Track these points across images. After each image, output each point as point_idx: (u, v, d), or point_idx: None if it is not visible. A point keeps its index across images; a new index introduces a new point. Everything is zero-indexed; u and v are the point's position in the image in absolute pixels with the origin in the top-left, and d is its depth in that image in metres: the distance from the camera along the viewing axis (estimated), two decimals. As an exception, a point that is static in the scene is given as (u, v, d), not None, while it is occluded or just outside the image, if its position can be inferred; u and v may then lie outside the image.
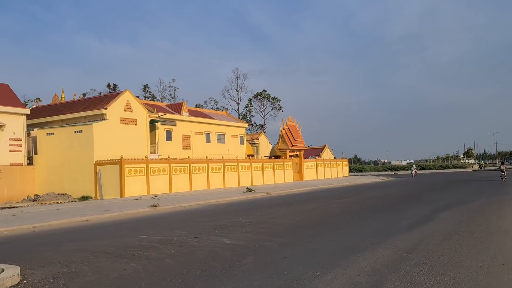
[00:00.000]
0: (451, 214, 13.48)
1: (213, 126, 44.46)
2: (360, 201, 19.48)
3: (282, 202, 21.63)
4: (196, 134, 42.01)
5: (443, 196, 21.02)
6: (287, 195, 27.68)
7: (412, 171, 56.44)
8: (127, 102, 32.20)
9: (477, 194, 21.49)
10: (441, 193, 23.35)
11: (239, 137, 48.53)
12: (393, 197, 21.32)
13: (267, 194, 29.10)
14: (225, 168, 38.88)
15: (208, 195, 28.83)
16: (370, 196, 22.92)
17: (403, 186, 31.60)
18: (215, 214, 16.32)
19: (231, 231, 11.09)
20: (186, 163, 34.39)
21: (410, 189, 28.18)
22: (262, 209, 17.27)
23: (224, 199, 25.10)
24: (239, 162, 40.95)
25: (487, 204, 16.32)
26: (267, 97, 73.82)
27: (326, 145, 67.31)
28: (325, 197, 23.37)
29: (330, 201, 20.09)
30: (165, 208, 20.56)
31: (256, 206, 19.17)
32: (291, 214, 14.78)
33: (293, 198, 24.03)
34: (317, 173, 57.29)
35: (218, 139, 45.16)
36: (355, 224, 11.97)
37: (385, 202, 18.90)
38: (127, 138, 31.73)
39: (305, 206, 18.27)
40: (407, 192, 24.73)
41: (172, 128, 39.04)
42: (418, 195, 22.37)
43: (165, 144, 38.10)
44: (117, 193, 28.47)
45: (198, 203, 22.88)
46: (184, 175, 34.09)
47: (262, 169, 44.61)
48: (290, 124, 54.41)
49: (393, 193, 24.87)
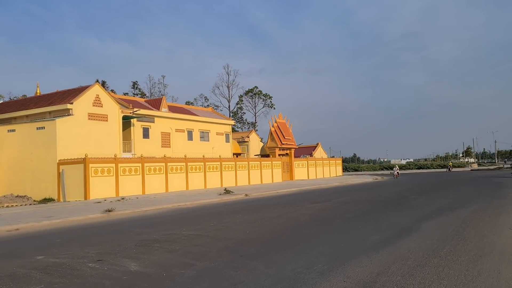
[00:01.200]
0: (436, 225, 11.18)
1: (196, 123, 42.09)
2: (338, 206, 17.17)
3: (253, 206, 19.35)
4: (177, 132, 39.66)
5: (433, 199, 18.72)
6: (265, 198, 25.40)
7: (394, 172, 50.76)
8: (97, 96, 29.84)
9: (471, 197, 19.20)
10: (432, 195, 21.06)
11: (224, 135, 46.18)
12: (378, 201, 19.02)
13: (245, 196, 26.83)
14: (206, 168, 36.56)
15: (181, 197, 26.55)
16: (353, 199, 20.63)
17: (393, 188, 29.31)
18: (163, 222, 14.01)
19: (154, 249, 8.78)
20: (161, 162, 32.06)
21: (399, 190, 25.89)
22: (221, 216, 14.97)
23: (195, 202, 22.81)
24: (222, 161, 38.64)
25: (482, 211, 14.02)
26: (258, 94, 71.33)
27: (319, 143, 64.97)
28: (304, 200, 21.08)
29: (305, 206, 17.79)
30: (121, 213, 18.25)
31: (219, 212, 16.88)
32: (248, 224, 12.48)
33: (269, 201, 21.75)
34: (308, 172, 54.98)
35: (202, 136, 42.82)
36: (315, 239, 9.67)
37: (366, 207, 16.61)
38: (96, 136, 29.39)
39: (274, 211, 15.97)
40: (395, 195, 22.43)
41: (150, 125, 36.69)
42: (406, 198, 20.09)
43: (141, 142, 35.76)
44: (81, 195, 26.15)
45: (162, 207, 20.59)
46: (160, 175, 31.77)
47: (248, 169, 42.31)
48: (279, 122, 52.09)
49: (379, 195, 22.58)
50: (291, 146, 52.83)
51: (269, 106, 73.22)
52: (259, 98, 71.92)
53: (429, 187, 28.84)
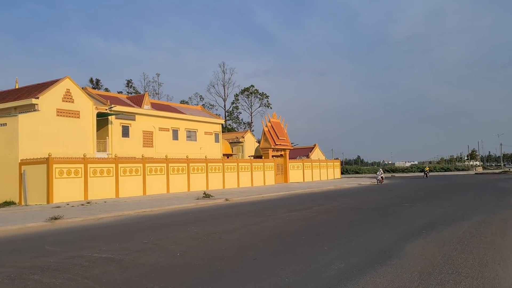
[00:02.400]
0: (424, 246, 8.71)
1: (182, 121, 39.73)
2: (315, 216, 14.71)
3: (222, 214, 16.94)
4: (160, 131, 37.32)
5: (427, 208, 16.21)
6: (246, 203, 22.98)
7: (378, 176, 41.11)
8: (67, 91, 27.56)
9: (472, 207, 16.68)
10: (428, 203, 18.54)
11: (213, 135, 43.79)
12: (364, 209, 16.53)
13: (225, 201, 24.43)
14: (190, 169, 34.18)
15: (154, 201, 24.19)
16: (338, 206, 18.14)
17: (388, 193, 26.77)
18: (97, 236, 11.61)
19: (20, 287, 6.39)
20: (139, 163, 29.72)
21: (393, 196, 23.37)
22: (171, 228, 12.58)
23: (163, 208, 20.42)
24: (208, 163, 36.24)
25: (484, 225, 11.52)
26: (255, 93, 68.85)
27: (316, 144, 62.44)
28: (283, 207, 18.62)
29: (278, 215, 15.34)
30: (69, 221, 15.88)
31: (176, 222, 14.50)
32: (190, 241, 10.07)
33: (244, 208, 19.32)
34: (303, 175, 52.47)
35: (188, 136, 40.45)
36: (256, 269, 7.23)
37: (347, 217, 14.14)
38: (66, 134, 27.11)
39: (237, 222, 13.56)
40: (387, 202, 19.93)
41: (130, 123, 34.37)
42: (398, 206, 17.58)
43: (120, 141, 33.44)
44: (43, 198, 23.84)
45: (122, 214, 18.21)
46: (136, 177, 29.42)
47: (237, 171, 39.88)
48: (273, 121, 49.66)
49: (369, 202, 20.08)
50: (286, 147, 50.38)
51: (266, 105, 70.78)
52: (256, 97, 69.49)
53: (427, 192, 26.30)
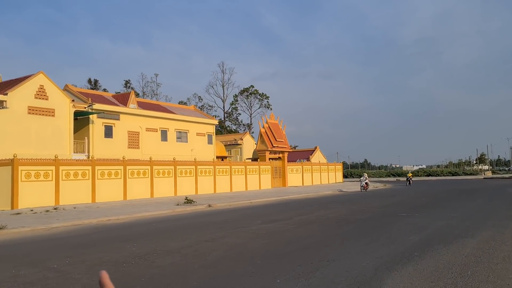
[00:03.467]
0: (410, 281, 6.47)
1: (172, 121, 37.72)
2: (291, 229, 12.47)
3: (192, 224, 14.80)
4: (148, 131, 35.32)
5: (426, 220, 13.91)
6: (228, 210, 20.83)
7: (362, 183, 34.84)
8: (40, 88, 25.66)
9: (479, 218, 14.36)
10: (428, 212, 16.24)
11: (206, 136, 41.72)
12: (351, 220, 14.26)
13: (207, 207, 22.32)
14: (178, 172, 32.09)
15: (130, 207, 22.18)
16: (324, 216, 15.89)
17: (386, 199, 24.44)
18: (10, 255, 9.53)
19: None
20: (119, 165, 27.69)
21: (390, 204, 21.04)
22: (112, 244, 10.48)
23: (132, 216, 18.33)
24: (198, 165, 34.12)
25: (492, 246, 9.24)
26: (254, 94, 66.69)
27: (317, 147, 60.10)
28: (262, 216, 16.41)
29: (248, 228, 13.14)
30: (12, 232, 13.79)
31: (127, 235, 12.39)
32: (106, 267, 7.93)
33: (221, 216, 17.15)
34: (303, 179, 50.17)
35: (178, 137, 38.42)
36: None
37: (328, 231, 11.90)
38: (39, 133, 25.22)
39: (193, 237, 11.41)
40: (381, 210, 17.63)
41: (114, 123, 32.41)
42: (392, 216, 15.29)
43: (103, 142, 31.49)
44: (7, 203, 21.87)
45: (82, 223, 16.14)
46: (116, 180, 27.38)
47: (229, 174, 37.72)
48: (271, 122, 47.44)
49: (362, 210, 17.80)
50: (284, 149, 48.14)
51: (266, 106, 68.54)
52: (255, 98, 67.30)
53: (430, 199, 23.93)
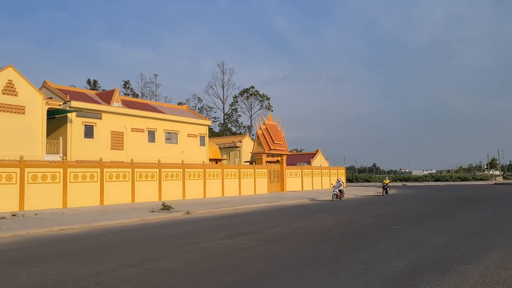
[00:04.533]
0: None
1: (161, 122, 35.59)
2: (251, 247, 10.10)
3: (144, 238, 12.54)
4: (133, 131, 33.21)
5: (421, 236, 11.45)
6: (205, 218, 18.56)
7: (335, 190, 27.94)
8: (9, 83, 23.66)
9: (486, 233, 11.88)
10: (426, 226, 13.77)
11: (198, 137, 39.51)
12: (333, 235, 11.86)
13: (184, 215, 20.12)
14: (163, 175, 29.90)
15: (98, 214, 20.05)
16: (302, 228, 13.49)
17: (381, 208, 21.94)
18: None
19: None
20: (95, 167, 25.56)
21: (385, 214, 18.55)
22: (8, 269, 8.23)
23: (91, 225, 16.14)
24: (186, 168, 31.90)
25: (503, 278, 6.82)
26: (255, 94, 64.40)
27: (319, 150, 57.60)
28: (233, 227, 14.07)
29: (200, 245, 10.80)
30: None
31: (42, 254, 10.16)
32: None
33: (189, 227, 14.88)
34: (302, 183, 47.75)
35: (168, 138, 36.27)
36: None
37: (297, 251, 9.53)
38: (7, 132, 23.23)
39: (113, 261, 9.15)
40: (373, 222, 15.18)
41: (95, 122, 30.33)
42: (382, 230, 12.84)
43: (82, 143, 29.44)
44: (-37, 208, 19.87)
45: (27, 233, 13.99)
46: (92, 183, 25.26)
47: (221, 177, 35.46)
48: (269, 124, 45.13)
49: (349, 222, 15.36)
50: (282, 152, 45.77)
51: (267, 108, 66.18)
52: (256, 99, 64.99)
53: (433, 208, 21.40)
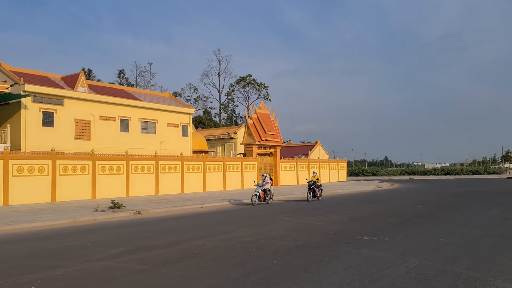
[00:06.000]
0: None
1: (136, 109, 32.28)
2: (127, 275, 6.77)
3: (16, 252, 9.24)
4: (102, 120, 29.97)
5: (390, 253, 7.87)
6: (154, 220, 15.28)
7: (258, 190, 21.28)
8: None
9: (485, 250, 8.24)
10: (402, 237, 10.11)
11: (181, 127, 36.17)
12: (271, 250, 8.40)
13: (134, 215, 16.87)
14: (131, 169, 26.66)
15: (27, 214, 16.89)
16: (249, 235, 10.08)
17: (367, 207, 18.35)
18: None
19: None
20: (45, 159, 22.40)
21: (363, 216, 14.85)
22: None
23: (3, 228, 12.96)
24: (160, 160, 28.60)
25: None
26: (252, 83, 60.78)
27: (318, 141, 53.92)
28: (163, 234, 10.76)
29: (65, 269, 7.48)
30: None
31: None
32: None
33: (106, 234, 11.58)
34: (297, 177, 44.20)
35: (144, 128, 32.98)
36: None
37: (195, 283, 6.13)
38: None
39: None
40: (341, 227, 11.60)
41: (56, 109, 27.14)
42: (343, 242, 9.19)
43: (40, 132, 26.31)
44: None
45: None
46: (41, 177, 22.12)
47: (203, 171, 32.11)
48: (260, 113, 41.56)
49: (311, 227, 11.85)
50: (276, 144, 42.26)
51: (265, 97, 62.50)
52: (253, 88, 61.39)
53: (426, 208, 17.74)
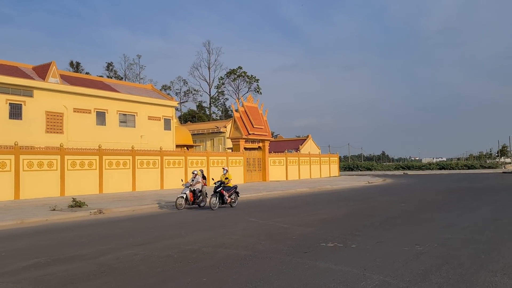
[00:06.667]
0: None
1: (113, 101, 30.72)
2: None
3: None
4: (76, 112, 28.42)
5: (353, 266, 6.52)
6: (116, 220, 13.88)
7: (185, 191, 16.08)
8: None
9: (467, 262, 6.87)
10: (376, 241, 8.72)
11: (162, 120, 34.64)
12: (207, 264, 7.00)
13: (95, 215, 15.43)
14: (105, 164, 25.17)
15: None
16: (190, 243, 8.68)
17: (346, 206, 16.95)
18: None
19: None
20: (7, 154, 20.92)
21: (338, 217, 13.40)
22: None
23: None
24: (137, 155, 27.10)
25: None
26: (242, 76, 59.21)
27: (309, 135, 52.52)
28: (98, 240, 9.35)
29: None
30: None
31: None
32: None
33: (36, 239, 10.14)
34: (286, 172, 42.83)
35: (123, 121, 31.45)
36: None
37: None
38: None
39: None
40: (307, 230, 10.21)
41: (24, 101, 25.59)
42: (302, 250, 7.88)
43: (7, 125, 24.77)
44: None
45: None
46: (3, 173, 20.64)
47: (185, 166, 30.64)
48: (248, 106, 40.07)
49: (273, 231, 10.48)
50: (264, 138, 40.81)
51: (256, 90, 60.97)
52: (244, 81, 59.82)
53: (410, 206, 16.35)
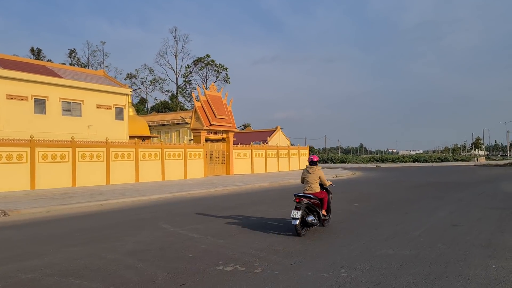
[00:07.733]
0: None
1: (55, 88, 27.90)
2: None
3: None
4: (10, 99, 25.58)
5: (294, 273, 4.50)
6: (21, 225, 11.45)
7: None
8: None
9: (414, 279, 4.96)
10: (323, 249, 6.79)
11: (113, 109, 31.98)
12: None
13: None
14: (38, 157, 22.55)
15: None
16: (117, 250, 6.50)
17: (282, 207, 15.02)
18: None
19: None
20: None
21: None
22: None
23: None
24: (77, 147, 24.52)
25: None
26: (210, 64, 56.63)
27: (278, 127, 50.51)
28: None
29: None
30: None
31: None
32: None
33: None
34: (252, 165, 40.82)
35: (67, 109, 28.69)
36: None
37: None
38: None
39: None
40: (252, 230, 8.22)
41: None
42: (245, 258, 5.85)
43: None
44: None
45: None
46: None
47: (135, 159, 28.20)
48: (210, 95, 37.67)
49: (225, 232, 8.38)
50: (228, 129, 38.60)
51: (225, 80, 58.48)
52: (212, 70, 57.24)
53: (360, 208, 14.55)
